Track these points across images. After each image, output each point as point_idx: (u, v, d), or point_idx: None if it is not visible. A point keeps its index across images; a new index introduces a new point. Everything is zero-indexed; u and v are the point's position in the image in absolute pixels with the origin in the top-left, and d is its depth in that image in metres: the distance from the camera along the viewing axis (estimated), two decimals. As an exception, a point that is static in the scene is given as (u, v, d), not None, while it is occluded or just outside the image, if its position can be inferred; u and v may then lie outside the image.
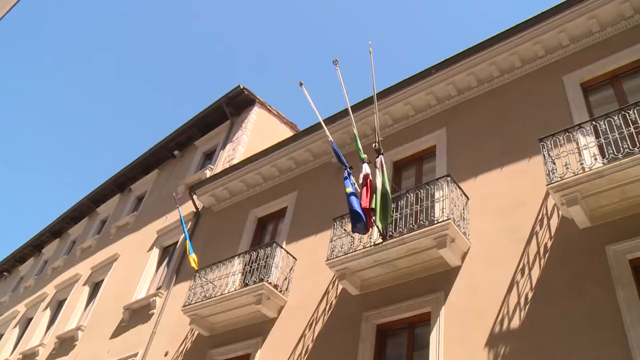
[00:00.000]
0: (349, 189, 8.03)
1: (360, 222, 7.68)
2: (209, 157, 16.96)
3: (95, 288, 16.62)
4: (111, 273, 16.05)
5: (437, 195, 8.10)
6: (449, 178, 8.15)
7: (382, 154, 8.37)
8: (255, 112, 16.91)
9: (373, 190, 7.85)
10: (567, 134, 7.19)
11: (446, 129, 9.93)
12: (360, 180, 8.15)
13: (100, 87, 44.93)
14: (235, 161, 14.95)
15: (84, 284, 16.93)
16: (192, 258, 11.60)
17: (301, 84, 9.19)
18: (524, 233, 7.41)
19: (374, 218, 7.58)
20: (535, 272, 6.96)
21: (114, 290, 15.06)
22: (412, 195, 8.38)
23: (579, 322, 6.24)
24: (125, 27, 41.91)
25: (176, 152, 18.25)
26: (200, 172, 15.78)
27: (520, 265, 7.13)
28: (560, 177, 6.81)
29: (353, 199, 7.85)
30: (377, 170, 8.04)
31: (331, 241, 8.93)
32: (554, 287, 6.68)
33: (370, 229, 8.37)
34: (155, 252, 14.89)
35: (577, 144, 7.08)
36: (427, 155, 10.13)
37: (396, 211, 8.38)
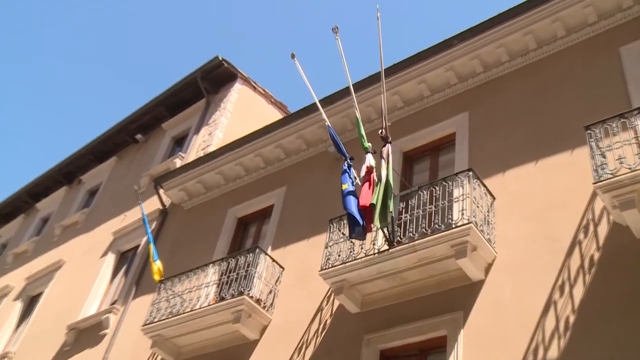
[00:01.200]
0: (346, 186, 8.06)
1: (359, 225, 7.69)
2: (180, 143, 16.97)
3: (30, 303, 16.24)
4: (53, 284, 15.73)
5: (456, 193, 8.07)
6: (470, 173, 8.12)
7: (390, 143, 8.35)
8: (237, 90, 16.92)
9: (376, 184, 7.86)
10: (622, 120, 7.02)
11: (468, 114, 9.92)
12: (362, 174, 8.13)
13: (45, 55, 44.43)
14: (211, 148, 14.98)
15: (16, 299, 16.50)
16: (157, 266, 11.58)
17: (293, 56, 9.14)
18: (563, 242, 7.34)
19: (374, 216, 7.58)
20: (579, 291, 6.84)
21: (55, 306, 14.75)
22: (425, 193, 8.35)
23: (633, 355, 6.00)
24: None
25: (139, 136, 18.17)
26: (169, 161, 15.79)
27: (559, 282, 7.04)
28: (612, 174, 6.61)
29: (350, 198, 7.87)
30: (382, 161, 8.03)
31: (326, 247, 8.92)
32: (602, 310, 6.51)
33: (371, 233, 8.38)
34: (111, 258, 14.81)
35: (636, 132, 6.87)
36: (444, 145, 10.12)
37: (406, 212, 8.36)
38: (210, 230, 12.70)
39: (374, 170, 8.16)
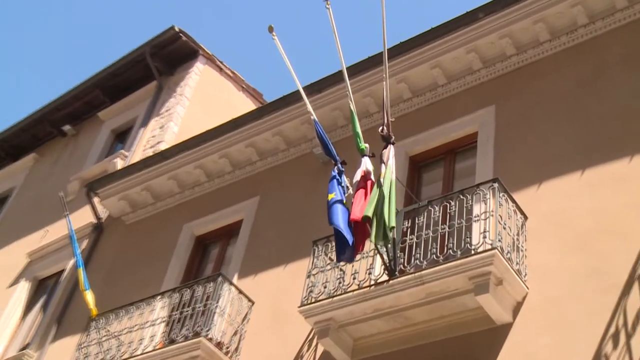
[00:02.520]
0: (333, 195, 8.11)
1: (347, 245, 7.76)
2: (121, 137, 16.98)
3: None
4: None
5: (476, 210, 8.07)
6: (496, 185, 8.13)
7: (393, 144, 8.37)
8: (198, 70, 16.97)
9: (373, 192, 7.93)
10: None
11: (495, 109, 9.96)
12: (357, 179, 8.19)
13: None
14: (163, 146, 15.04)
15: None
16: (88, 297, 11.50)
17: (271, 30, 9.12)
18: (617, 277, 7.30)
19: (370, 235, 7.63)
20: (638, 342, 6.81)
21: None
22: (437, 209, 8.36)
23: None
24: None
25: (67, 128, 18.08)
26: (107, 160, 15.81)
27: (612, 329, 6.96)
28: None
29: (338, 209, 7.92)
30: (382, 167, 8.05)
31: (309, 276, 8.92)
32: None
33: (366, 259, 8.39)
34: (24, 287, 14.73)
35: None
36: (463, 148, 10.16)
37: (411, 233, 8.38)
38: (159, 251, 12.72)
39: (372, 176, 8.19)
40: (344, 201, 8.15)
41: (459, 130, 10.16)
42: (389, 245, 8.03)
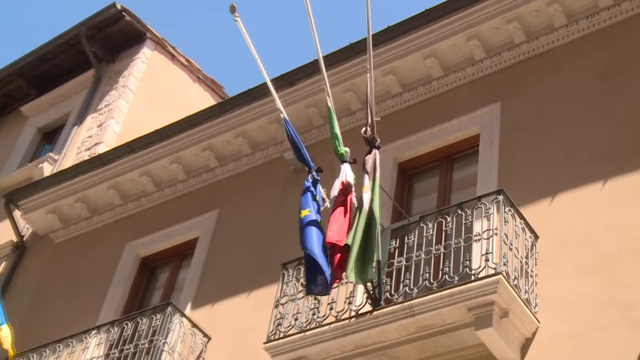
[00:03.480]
0: (307, 212, 8.11)
1: (321, 274, 7.74)
2: (50, 138, 16.98)
3: None
4: None
5: (477, 228, 8.07)
6: (501, 197, 8.13)
7: (379, 148, 8.38)
8: (145, 57, 16.94)
9: (355, 212, 7.88)
10: None
11: (500, 106, 10.02)
12: (335, 193, 8.15)
13: None
14: (102, 148, 15.02)
15: None
16: (3, 333, 11.40)
17: (233, 10, 9.09)
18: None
19: (347, 266, 7.57)
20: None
21: None
22: (430, 225, 8.36)
23: None
24: None
25: (-19, 125, 17.99)
26: (32, 166, 15.79)
27: (640, 372, 7.02)
28: None
29: (312, 232, 7.89)
30: (365, 176, 8.04)
31: (277, 306, 8.91)
32: None
33: (345, 286, 8.35)
34: None
35: None
36: (462, 154, 10.23)
37: (400, 255, 8.37)
38: (95, 276, 12.67)
39: (352, 189, 8.16)
40: (319, 220, 8.11)
41: (457, 132, 10.20)
42: (373, 272, 7.99)
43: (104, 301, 12.16)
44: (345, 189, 8.17)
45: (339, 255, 7.75)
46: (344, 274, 7.70)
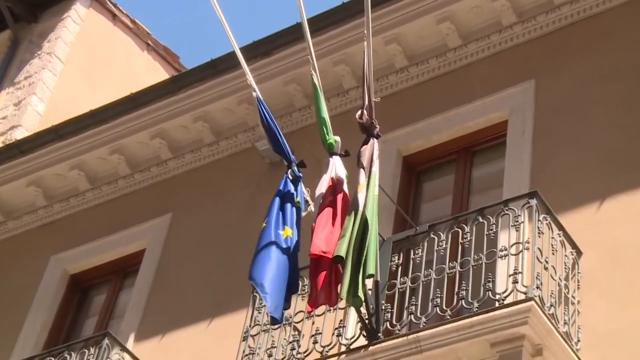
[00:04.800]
0: (264, 224, 8.09)
1: (290, 291, 7.89)
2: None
3: None
4: None
5: (504, 240, 8.10)
6: (534, 202, 8.14)
7: (378, 137, 8.38)
8: (78, 17, 16.88)
9: (349, 215, 7.85)
10: None
11: (534, 85, 10.06)
12: (322, 191, 8.16)
13: None
14: (20, 134, 15.01)
15: None
16: None
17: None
18: None
19: (341, 286, 7.55)
20: None
21: None
22: (443, 237, 8.36)
23: None
24: None
25: None
26: None
27: None
28: None
29: (264, 256, 7.93)
30: (361, 172, 8.04)
31: (245, 338, 8.93)
32: None
33: (332, 312, 8.34)
34: None
35: None
36: (484, 146, 10.33)
37: (404, 274, 8.39)
38: (10, 298, 12.63)
39: (345, 186, 8.17)
40: (294, 239, 8.14)
41: (479, 118, 10.25)
42: (368, 297, 7.98)
43: (20, 331, 12.10)
44: (335, 186, 8.18)
45: (324, 272, 7.74)
46: (334, 298, 7.73)
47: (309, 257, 7.83)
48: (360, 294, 7.48)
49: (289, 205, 8.30)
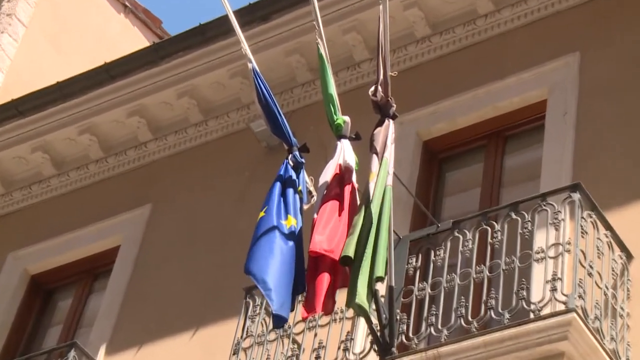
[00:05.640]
0: (263, 213, 8.07)
1: (293, 294, 7.80)
2: None
3: None
4: None
5: (540, 241, 8.10)
6: (577, 195, 8.14)
7: (394, 117, 8.35)
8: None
9: (359, 210, 7.81)
10: None
11: (579, 59, 10.06)
12: (326, 179, 8.11)
13: None
14: None
15: None
16: None
17: None
18: None
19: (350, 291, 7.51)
20: None
21: None
22: (469, 236, 8.36)
23: None
24: None
25: None
26: None
27: None
28: None
29: (265, 246, 7.88)
30: (374, 159, 8.00)
31: (235, 352, 8.95)
32: None
33: (336, 322, 8.36)
34: None
35: None
36: (519, 130, 10.36)
37: (423, 280, 8.41)
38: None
39: (354, 175, 8.15)
40: (298, 227, 8.09)
41: (513, 97, 10.24)
42: (381, 305, 7.97)
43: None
44: (343, 175, 8.14)
45: (328, 275, 7.72)
46: (338, 302, 7.71)
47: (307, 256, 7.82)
48: (366, 301, 7.44)
49: (290, 191, 8.23)
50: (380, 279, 7.53)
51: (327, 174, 8.17)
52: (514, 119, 10.27)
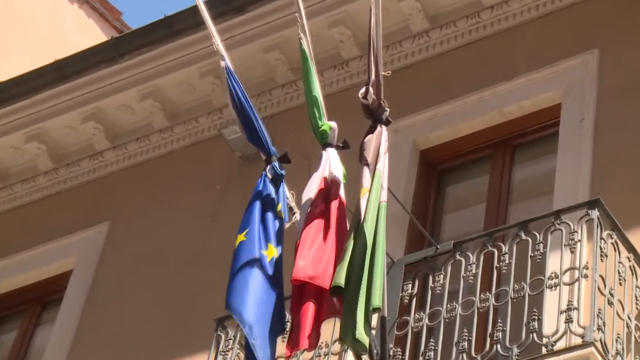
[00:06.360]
0: (242, 237, 8.10)
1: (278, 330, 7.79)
2: None
3: None
4: None
5: (553, 265, 8.13)
6: (596, 213, 8.15)
7: (387, 123, 8.35)
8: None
9: (350, 231, 7.79)
10: None
11: (599, 57, 10.09)
12: (310, 196, 8.09)
13: None
14: None
15: None
16: None
17: None
18: None
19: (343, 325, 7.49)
20: None
21: None
22: (473, 259, 8.38)
23: None
24: None
25: None
26: None
27: None
28: None
29: (247, 278, 7.87)
30: (365, 171, 7.98)
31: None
32: None
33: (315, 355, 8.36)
34: None
35: None
36: (529, 138, 10.38)
37: (420, 307, 8.45)
38: None
39: (341, 190, 8.14)
40: (278, 253, 8.07)
41: (522, 100, 10.27)
42: (372, 339, 7.96)
43: None
44: (329, 190, 8.12)
45: (312, 304, 7.69)
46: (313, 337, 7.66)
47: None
48: (366, 336, 7.41)
49: (270, 215, 8.18)
50: (377, 310, 7.45)
51: (311, 190, 8.12)
52: (523, 125, 10.30)
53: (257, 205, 8.25)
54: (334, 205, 8.05)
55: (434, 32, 11.11)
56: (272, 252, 8.05)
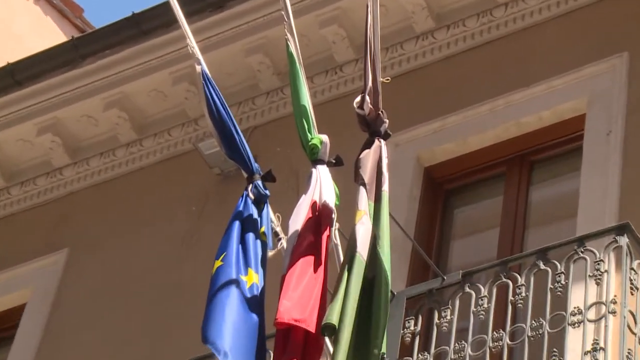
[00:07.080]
0: (220, 262, 8.07)
1: None
2: None
3: None
4: None
5: (577, 299, 8.10)
6: (625, 240, 8.15)
7: (387, 137, 8.33)
8: None
9: (343, 265, 7.70)
10: None
11: (629, 61, 10.10)
12: (297, 227, 8.03)
13: None
14: None
15: None
16: None
17: None
18: None
19: None
20: None
21: None
22: (484, 292, 8.38)
23: None
24: None
25: None
26: None
27: None
28: None
29: (224, 307, 7.78)
30: (361, 192, 7.96)
31: None
32: None
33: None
34: None
35: None
36: (549, 153, 10.40)
37: (424, 348, 8.47)
38: None
39: (334, 215, 8.12)
40: (259, 281, 8.07)
41: (542, 110, 10.29)
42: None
43: None
44: (319, 218, 8.11)
45: (299, 350, 7.63)
46: None
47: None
48: None
49: (251, 237, 8.12)
50: (381, 357, 7.36)
51: (299, 219, 8.05)
52: (542, 139, 10.30)
53: (237, 225, 8.17)
54: (325, 236, 7.98)
55: (439, 33, 11.13)
56: (252, 278, 7.97)
